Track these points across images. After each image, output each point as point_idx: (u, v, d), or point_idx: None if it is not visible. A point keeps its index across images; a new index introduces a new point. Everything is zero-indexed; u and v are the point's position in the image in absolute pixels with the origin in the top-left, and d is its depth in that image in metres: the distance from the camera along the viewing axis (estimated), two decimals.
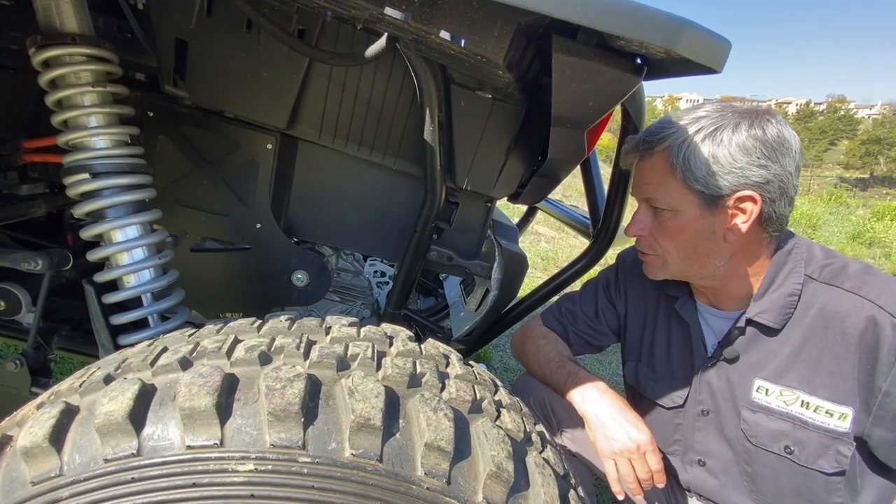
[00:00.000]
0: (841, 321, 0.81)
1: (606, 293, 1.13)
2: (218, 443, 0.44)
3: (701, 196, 0.82)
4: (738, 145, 0.79)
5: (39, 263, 0.91)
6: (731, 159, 0.79)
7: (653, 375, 1.04)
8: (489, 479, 0.49)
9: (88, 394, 0.50)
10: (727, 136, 0.79)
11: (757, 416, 0.89)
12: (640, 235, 0.92)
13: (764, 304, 0.87)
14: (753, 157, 0.78)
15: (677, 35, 0.48)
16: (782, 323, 0.86)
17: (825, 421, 0.82)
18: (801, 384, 0.84)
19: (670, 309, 1.02)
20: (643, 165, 0.89)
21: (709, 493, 0.98)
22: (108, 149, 0.82)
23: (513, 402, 0.64)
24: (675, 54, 0.50)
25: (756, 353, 0.90)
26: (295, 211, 1.11)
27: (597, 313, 1.12)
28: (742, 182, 0.79)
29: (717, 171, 0.80)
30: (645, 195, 0.89)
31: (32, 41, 0.76)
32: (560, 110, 0.76)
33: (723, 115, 0.82)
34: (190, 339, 0.57)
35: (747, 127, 0.80)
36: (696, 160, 0.80)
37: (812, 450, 0.84)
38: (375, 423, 0.47)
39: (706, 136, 0.81)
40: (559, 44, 0.65)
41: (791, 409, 0.85)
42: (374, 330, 0.64)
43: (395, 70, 0.94)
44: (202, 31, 0.88)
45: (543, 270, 4.17)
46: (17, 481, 0.45)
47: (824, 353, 0.83)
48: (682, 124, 0.84)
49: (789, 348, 0.86)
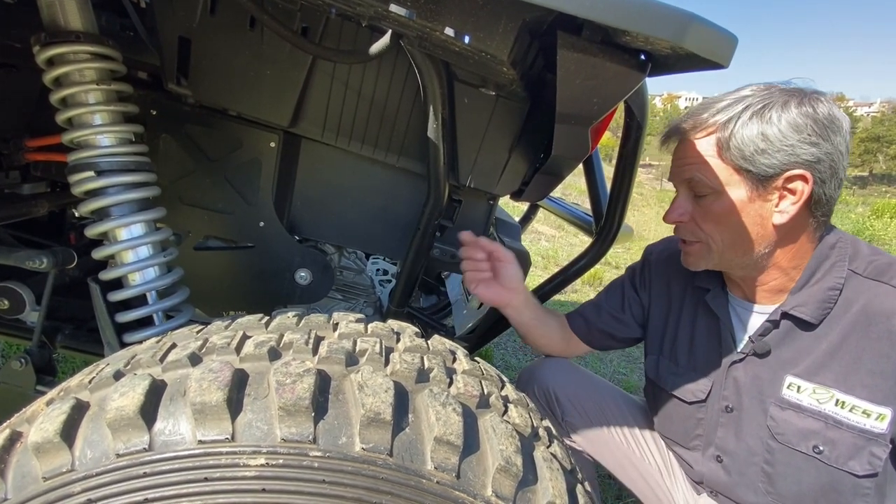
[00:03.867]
0: (887, 318, 0.78)
1: (633, 284, 1.11)
2: (229, 437, 0.45)
3: (748, 176, 0.79)
4: (789, 122, 0.76)
5: (44, 262, 0.91)
6: (782, 136, 0.76)
7: (675, 369, 1.01)
8: (498, 473, 0.49)
9: (98, 390, 0.50)
10: (776, 114, 0.77)
11: (786, 414, 0.86)
12: (680, 221, 0.88)
13: (802, 298, 0.84)
14: (804, 134, 0.76)
15: (684, 30, 0.48)
16: (820, 318, 0.83)
17: (861, 421, 0.79)
18: (838, 382, 0.81)
19: (698, 302, 0.99)
20: (685, 146, 0.86)
21: (720, 487, 0.97)
22: (112, 146, 0.82)
23: (519, 397, 0.64)
24: (682, 49, 0.51)
25: (789, 349, 0.86)
26: (298, 209, 1.12)
27: (623, 305, 1.10)
28: (792, 161, 0.77)
29: (766, 149, 0.77)
30: (687, 176, 0.85)
31: (36, 39, 0.76)
32: (564, 107, 0.76)
33: (770, 94, 0.79)
34: (199, 336, 0.57)
35: (797, 104, 0.77)
36: (744, 137, 0.78)
37: (844, 450, 0.81)
38: (385, 417, 0.47)
39: (754, 113, 0.78)
40: (564, 40, 0.65)
41: (824, 407, 0.82)
42: (381, 326, 0.64)
43: (399, 67, 0.94)
44: (205, 29, 0.88)
45: (544, 269, 4.18)
46: (29, 477, 0.45)
47: (866, 351, 0.79)
48: (726, 103, 0.81)
49: (826, 345, 0.82)
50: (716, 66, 0.54)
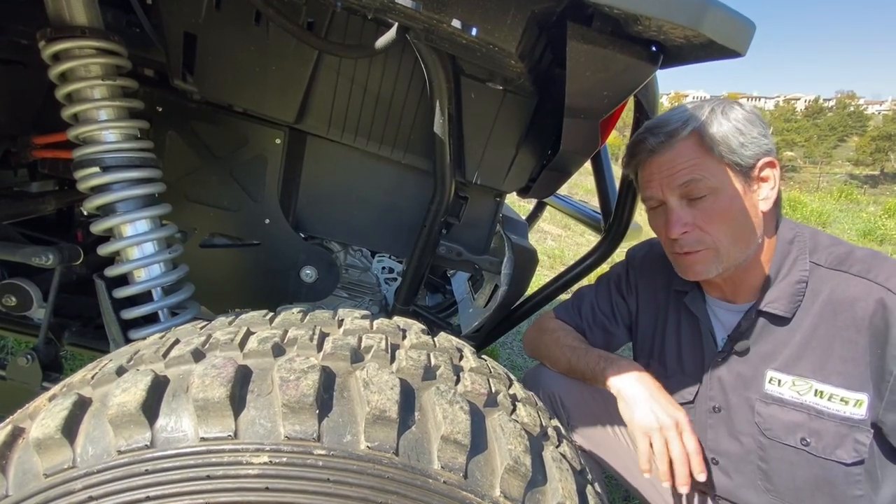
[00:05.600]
0: (850, 305, 0.81)
1: (619, 289, 1.11)
2: (232, 434, 0.44)
3: (737, 169, 0.84)
4: (745, 117, 0.84)
5: (50, 258, 0.91)
6: (749, 128, 0.83)
7: (663, 372, 1.02)
8: (506, 473, 0.48)
9: (101, 385, 0.49)
10: (734, 113, 0.85)
11: (771, 409, 0.87)
12: (686, 232, 0.87)
13: (773, 294, 0.87)
14: (759, 126, 0.84)
15: (701, 15, 0.47)
16: (792, 311, 0.86)
17: (840, 409, 0.81)
18: (814, 372, 0.83)
19: (679, 304, 1.01)
20: (666, 158, 0.87)
21: (722, 492, 0.96)
22: (118, 143, 0.81)
23: (528, 395, 0.63)
24: (698, 37, 0.49)
25: (767, 344, 0.89)
26: (303, 206, 1.11)
27: (612, 310, 1.11)
28: (763, 150, 0.84)
29: (744, 142, 0.83)
30: (681, 181, 0.85)
31: (42, 34, 0.76)
32: (574, 100, 0.75)
33: (710, 102, 0.88)
34: (202, 332, 0.56)
35: (735, 105, 0.87)
36: (725, 133, 0.83)
37: (829, 440, 0.82)
38: (391, 415, 0.46)
39: (721, 112, 0.85)
40: (574, 31, 0.64)
41: (805, 398, 0.84)
42: (386, 322, 0.63)
43: (405, 62, 0.93)
44: (211, 25, 0.88)
45: (550, 268, 4.15)
46: (30, 473, 0.45)
47: (835, 339, 0.82)
48: (688, 112, 0.87)
49: (800, 336, 0.85)
50: (732, 55, 0.52)
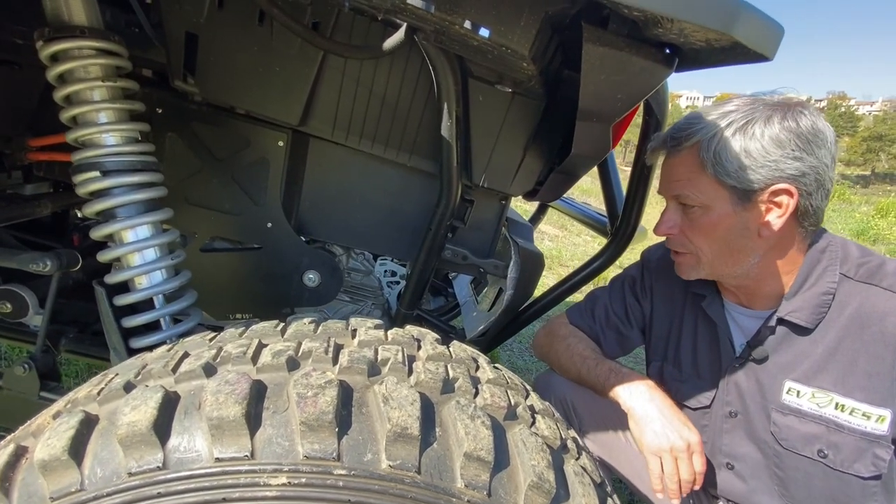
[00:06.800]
0: (880, 320, 0.79)
1: (633, 291, 1.10)
2: (248, 455, 0.42)
3: (733, 191, 0.80)
4: (772, 138, 0.77)
5: (48, 264, 0.88)
6: (764, 152, 0.77)
7: (678, 375, 1.01)
8: (530, 489, 0.46)
9: (108, 402, 0.47)
10: (759, 130, 0.78)
11: (788, 419, 0.86)
12: (670, 234, 0.89)
13: (796, 303, 0.85)
14: (787, 149, 0.77)
15: (734, 19, 0.46)
16: (815, 322, 0.84)
17: (861, 424, 0.80)
18: (836, 386, 0.82)
19: (697, 308, 0.99)
20: (671, 162, 0.87)
21: (737, 497, 0.96)
22: (118, 146, 0.79)
23: (545, 406, 0.62)
24: (728, 40, 0.48)
25: (787, 354, 0.87)
26: (306, 209, 1.09)
27: (626, 313, 1.09)
28: (776, 175, 0.77)
29: (749, 165, 0.78)
30: (674, 192, 0.86)
31: (40, 34, 0.74)
32: (587, 104, 0.74)
33: (753, 109, 0.79)
34: (212, 344, 0.54)
35: (780, 119, 0.77)
36: (727, 154, 0.78)
37: (847, 454, 0.81)
38: (413, 432, 0.44)
39: (737, 129, 0.79)
40: (590, 33, 0.63)
41: (824, 411, 0.83)
42: (400, 332, 0.61)
43: (412, 63, 0.91)
44: (213, 25, 0.85)
45: (548, 269, 4.15)
46: (36, 496, 0.42)
47: (861, 353, 0.80)
48: (710, 119, 0.81)
49: (822, 349, 0.83)
50: (758, 59, 0.51)
